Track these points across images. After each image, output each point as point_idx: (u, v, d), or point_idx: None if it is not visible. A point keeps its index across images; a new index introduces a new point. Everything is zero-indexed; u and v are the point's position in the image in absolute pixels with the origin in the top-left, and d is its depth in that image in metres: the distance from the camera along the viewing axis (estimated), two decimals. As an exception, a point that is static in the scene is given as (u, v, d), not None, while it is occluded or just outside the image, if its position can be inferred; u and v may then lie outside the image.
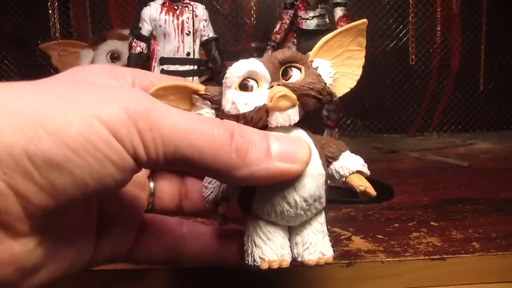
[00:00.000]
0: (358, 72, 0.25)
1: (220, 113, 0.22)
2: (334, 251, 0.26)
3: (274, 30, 0.49)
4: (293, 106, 0.21)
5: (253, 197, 0.22)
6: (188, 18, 0.50)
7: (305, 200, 0.21)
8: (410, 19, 0.78)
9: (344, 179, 0.23)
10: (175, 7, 0.49)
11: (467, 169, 0.58)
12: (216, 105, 0.22)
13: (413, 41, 0.78)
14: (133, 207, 0.25)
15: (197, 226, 0.26)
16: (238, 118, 0.21)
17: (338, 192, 0.46)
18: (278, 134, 0.21)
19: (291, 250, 0.23)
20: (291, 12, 0.48)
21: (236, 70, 0.22)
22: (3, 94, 0.16)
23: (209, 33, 0.52)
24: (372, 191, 0.22)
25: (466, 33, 0.89)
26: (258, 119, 0.21)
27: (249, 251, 0.22)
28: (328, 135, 0.49)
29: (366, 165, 0.23)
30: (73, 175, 0.16)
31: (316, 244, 0.23)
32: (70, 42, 0.76)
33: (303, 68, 0.23)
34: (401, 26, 0.88)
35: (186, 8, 0.50)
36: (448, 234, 0.34)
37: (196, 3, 0.51)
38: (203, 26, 0.51)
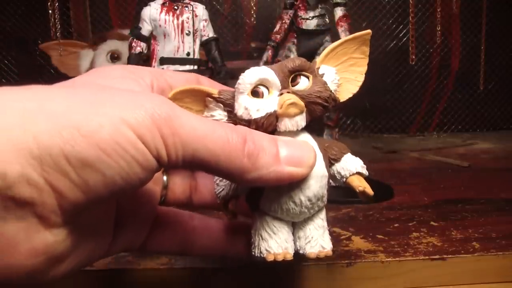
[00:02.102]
0: (361, 78, 0.26)
1: (233, 116, 0.24)
2: (334, 251, 0.27)
3: (274, 30, 0.49)
4: (301, 112, 0.23)
5: (261, 196, 0.23)
6: (188, 18, 0.50)
7: (309, 200, 0.23)
8: (410, 19, 0.78)
9: (344, 179, 0.24)
10: (175, 7, 0.49)
11: (467, 169, 0.58)
12: (229, 108, 0.24)
13: (413, 41, 0.78)
14: (148, 201, 0.26)
15: (207, 220, 0.28)
16: (250, 122, 0.23)
17: (338, 192, 0.46)
18: (286, 139, 0.22)
19: (294, 243, 0.24)
20: (291, 12, 0.48)
21: (249, 77, 0.23)
22: (40, 99, 0.18)
23: (209, 33, 0.52)
24: (370, 191, 0.24)
25: (466, 33, 0.89)
26: (269, 124, 0.23)
27: (256, 244, 0.24)
28: (328, 135, 0.49)
29: (365, 166, 0.25)
30: (104, 173, 0.18)
31: (317, 238, 0.24)
32: (70, 42, 0.76)
33: (311, 76, 0.24)
34: (401, 26, 0.88)
35: (186, 8, 0.50)
36: (448, 234, 0.34)
37: (196, 3, 0.51)
38: (203, 26, 0.51)
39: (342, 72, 0.26)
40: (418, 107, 0.91)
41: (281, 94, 0.23)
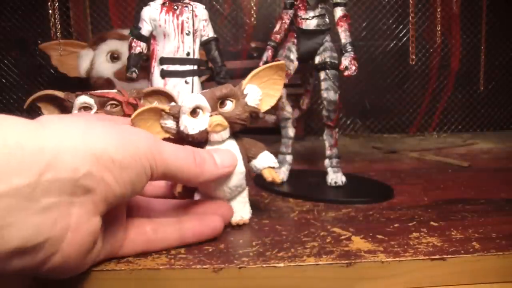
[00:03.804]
0: (278, 94, 0.37)
1: (178, 128, 0.34)
2: (334, 251, 0.30)
3: (274, 30, 0.49)
4: (225, 129, 0.34)
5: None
6: (188, 18, 0.50)
7: (230, 188, 0.35)
8: (410, 19, 0.78)
9: (260, 171, 0.36)
10: (175, 7, 0.49)
11: (467, 169, 0.58)
12: (176, 119, 0.34)
13: (413, 41, 0.78)
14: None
15: (163, 201, 0.36)
16: (188, 136, 0.34)
17: (338, 192, 0.46)
18: (216, 149, 0.34)
19: None
20: (291, 12, 0.48)
21: (188, 102, 0.33)
22: (87, 127, 0.26)
23: (209, 33, 0.52)
24: (277, 179, 0.35)
25: (466, 33, 0.89)
26: (201, 138, 0.34)
27: None
28: (328, 135, 0.49)
29: (276, 161, 0.36)
30: (131, 175, 0.26)
31: (238, 210, 0.36)
32: (70, 42, 0.76)
33: (234, 101, 0.34)
34: (401, 26, 0.88)
35: (186, 8, 0.50)
36: (448, 234, 0.34)
37: (196, 3, 0.51)
38: (203, 26, 0.51)
39: (264, 88, 0.36)
40: (418, 107, 0.91)
41: (211, 115, 0.34)
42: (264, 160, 0.35)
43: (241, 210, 0.36)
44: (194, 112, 0.34)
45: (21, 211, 0.21)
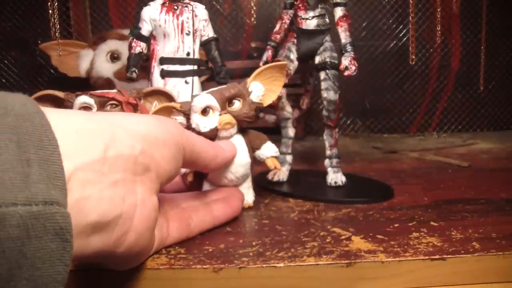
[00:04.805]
0: (279, 89, 0.40)
1: (189, 124, 0.38)
2: (334, 251, 0.31)
3: (274, 30, 0.49)
4: (233, 126, 0.38)
5: (207, 175, 0.39)
6: (188, 18, 0.50)
7: (237, 177, 0.39)
8: (410, 19, 0.78)
9: (263, 160, 0.40)
10: (175, 7, 0.49)
11: (467, 169, 0.58)
12: (187, 116, 0.38)
13: (413, 41, 0.78)
14: None
15: (184, 194, 0.38)
16: (200, 133, 0.36)
17: (338, 192, 0.46)
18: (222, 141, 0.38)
19: None
20: (291, 12, 0.48)
21: (199, 102, 0.37)
22: (127, 116, 0.29)
23: (209, 33, 0.52)
24: (279, 167, 0.41)
25: (466, 33, 0.89)
26: (212, 135, 0.37)
27: None
28: (328, 135, 0.49)
29: (277, 150, 0.41)
30: (172, 153, 0.29)
31: (244, 195, 0.40)
32: (70, 42, 0.76)
33: (241, 100, 0.38)
34: (401, 26, 0.88)
35: (186, 8, 0.50)
36: (448, 234, 0.34)
37: (196, 3, 0.51)
38: (203, 26, 0.51)
39: (267, 84, 0.39)
40: (418, 107, 0.91)
41: (220, 114, 0.37)
42: (267, 150, 0.40)
43: (246, 195, 0.40)
44: (204, 111, 0.37)
45: (95, 185, 0.22)
